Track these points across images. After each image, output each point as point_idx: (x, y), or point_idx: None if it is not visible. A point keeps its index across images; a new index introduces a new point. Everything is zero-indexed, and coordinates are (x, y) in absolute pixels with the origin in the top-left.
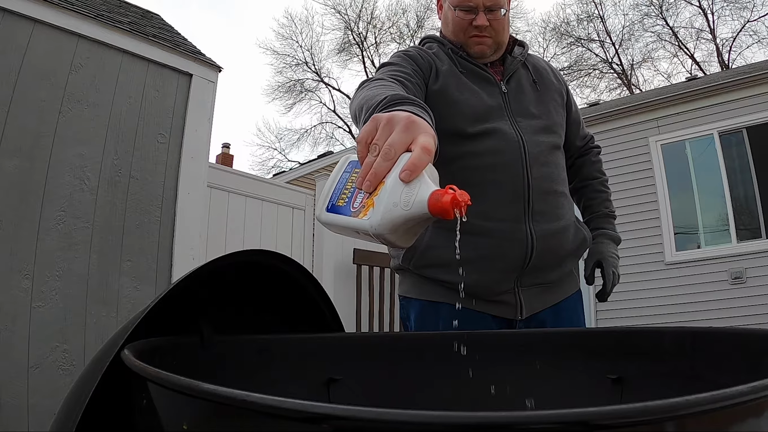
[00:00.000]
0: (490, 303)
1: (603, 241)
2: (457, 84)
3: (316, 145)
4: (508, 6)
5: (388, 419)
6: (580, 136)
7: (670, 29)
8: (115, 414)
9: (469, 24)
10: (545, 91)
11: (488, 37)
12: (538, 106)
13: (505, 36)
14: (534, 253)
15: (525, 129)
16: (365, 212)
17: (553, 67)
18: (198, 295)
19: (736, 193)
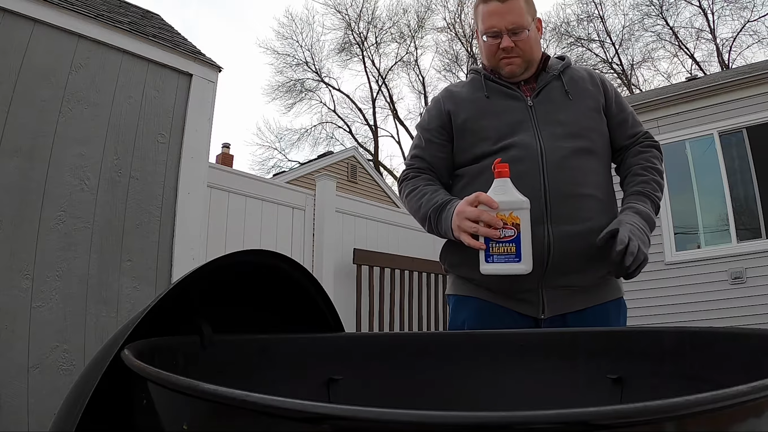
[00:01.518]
0: (514, 300)
1: (628, 213)
2: (478, 112)
3: (316, 145)
4: (536, 25)
5: (388, 419)
6: (628, 135)
7: (670, 29)
8: (115, 414)
9: (498, 48)
10: (578, 98)
11: (516, 57)
12: (566, 114)
13: (535, 53)
14: (552, 253)
15: (548, 137)
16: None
17: (595, 74)
18: (198, 295)
19: (736, 193)
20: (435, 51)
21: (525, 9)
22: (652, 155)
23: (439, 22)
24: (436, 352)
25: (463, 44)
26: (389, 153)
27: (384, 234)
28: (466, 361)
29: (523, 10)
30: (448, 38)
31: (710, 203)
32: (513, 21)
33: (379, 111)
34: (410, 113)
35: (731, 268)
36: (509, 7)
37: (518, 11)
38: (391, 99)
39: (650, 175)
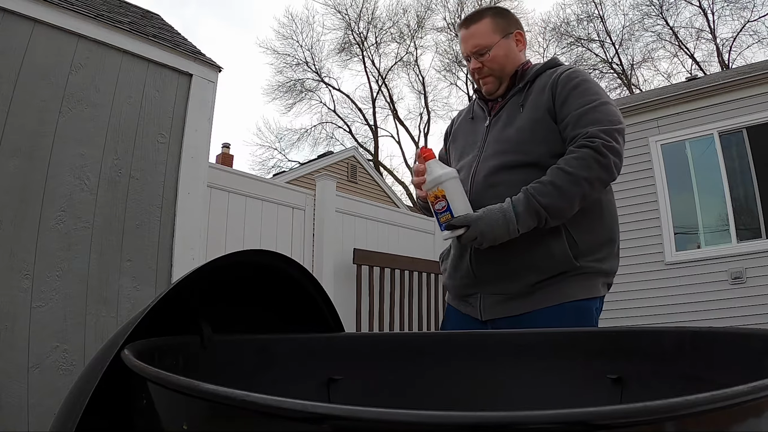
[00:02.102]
0: (465, 303)
1: (497, 203)
2: (457, 135)
3: (316, 145)
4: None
5: (388, 419)
6: (570, 137)
7: (670, 29)
8: (115, 414)
9: (472, 70)
10: (528, 111)
11: (488, 75)
12: (509, 130)
13: (506, 69)
14: (474, 266)
15: (484, 156)
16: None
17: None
18: (198, 295)
19: (736, 193)
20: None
21: (491, 29)
22: (573, 156)
23: (439, 22)
24: (436, 352)
25: None
26: (389, 153)
27: (384, 234)
28: (466, 361)
29: (487, 30)
30: (448, 38)
31: (710, 203)
32: (475, 44)
33: (379, 111)
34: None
35: (731, 268)
36: (472, 31)
37: (480, 34)
38: (391, 99)
39: (550, 177)
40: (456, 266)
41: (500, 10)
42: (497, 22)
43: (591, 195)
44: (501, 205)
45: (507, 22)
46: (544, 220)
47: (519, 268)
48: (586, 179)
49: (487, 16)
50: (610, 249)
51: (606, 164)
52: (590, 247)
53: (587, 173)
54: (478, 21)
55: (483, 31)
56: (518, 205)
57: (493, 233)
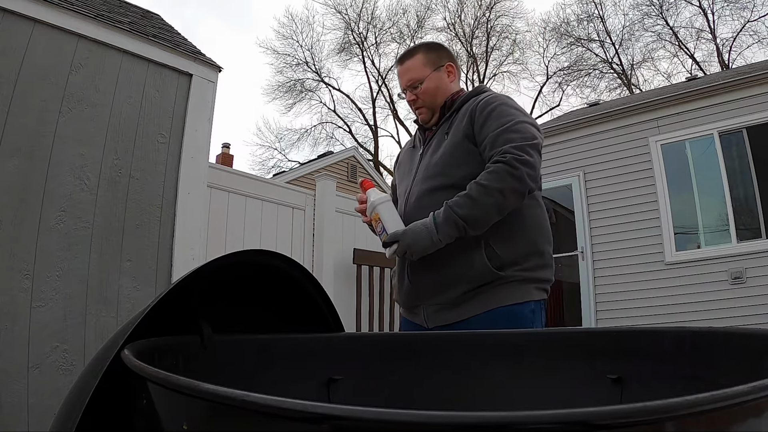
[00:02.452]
0: (412, 314)
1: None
2: (400, 163)
3: (316, 145)
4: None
5: (388, 419)
6: (488, 156)
7: (670, 29)
8: (115, 414)
9: (408, 102)
10: (451, 136)
11: (422, 107)
12: (435, 156)
13: (437, 99)
14: (411, 278)
15: (416, 181)
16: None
17: (474, 105)
18: (198, 295)
19: (736, 193)
20: None
21: (423, 63)
22: (487, 170)
23: (439, 22)
24: (436, 352)
25: (463, 44)
26: (389, 153)
27: None
28: (466, 361)
29: (420, 65)
30: (448, 38)
31: (710, 203)
32: (409, 78)
33: (379, 111)
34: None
35: (731, 268)
36: (406, 67)
37: (413, 68)
38: (391, 99)
39: (466, 190)
40: (400, 281)
41: (432, 45)
42: (429, 57)
43: (507, 205)
44: (424, 220)
45: (438, 55)
46: (464, 229)
47: (449, 279)
48: (499, 190)
49: (419, 52)
50: (539, 260)
51: (518, 176)
52: (515, 258)
53: (500, 185)
54: (411, 57)
55: (416, 65)
56: (438, 217)
57: (418, 245)
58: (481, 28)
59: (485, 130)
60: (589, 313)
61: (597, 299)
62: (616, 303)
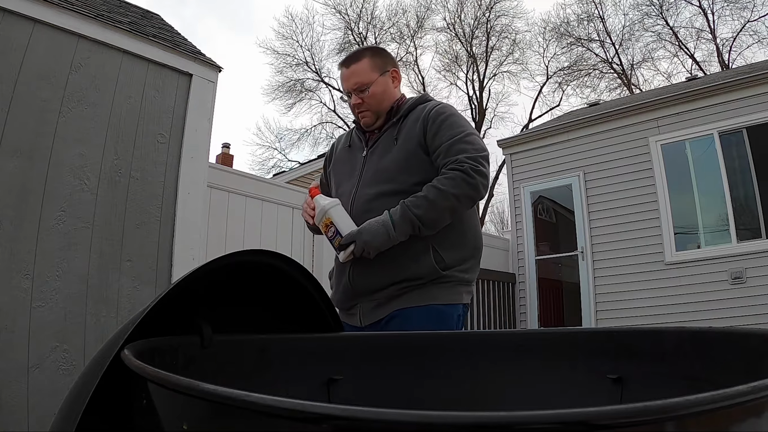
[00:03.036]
0: (348, 314)
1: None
2: (336, 161)
3: (316, 145)
4: (392, 75)
5: (388, 419)
6: (442, 164)
7: (670, 29)
8: (115, 414)
9: (352, 105)
10: (402, 143)
11: (366, 110)
12: (384, 161)
13: (383, 105)
14: (352, 279)
15: (362, 185)
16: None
17: (425, 113)
18: (198, 295)
19: (736, 193)
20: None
21: (369, 67)
22: (444, 176)
23: (439, 22)
24: (436, 352)
25: (463, 44)
26: None
27: None
28: (466, 360)
29: (366, 69)
30: (447, 38)
31: (710, 203)
32: (356, 82)
33: None
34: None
35: (731, 268)
36: (352, 70)
37: (360, 72)
38: None
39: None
40: (338, 282)
41: (377, 49)
42: (375, 61)
43: (459, 209)
44: (379, 217)
45: (384, 61)
46: (418, 228)
47: (391, 278)
48: (455, 195)
49: (366, 56)
50: (473, 263)
51: (474, 184)
52: (455, 260)
53: (456, 190)
54: (358, 60)
55: (363, 69)
56: (395, 215)
57: (376, 241)
58: (481, 28)
59: (438, 140)
60: (589, 313)
61: (597, 299)
62: (616, 303)
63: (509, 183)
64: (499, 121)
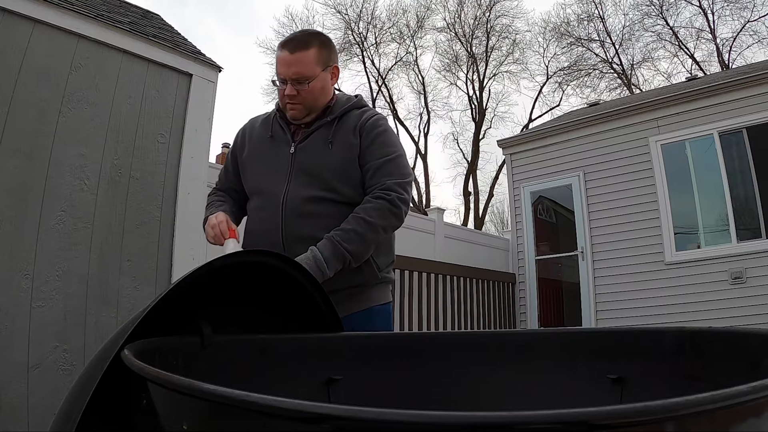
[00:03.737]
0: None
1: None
2: (255, 151)
3: None
4: (332, 72)
5: (388, 419)
6: (369, 184)
7: (670, 29)
8: (115, 414)
9: (284, 93)
10: (336, 148)
11: (299, 104)
12: (318, 163)
13: (318, 101)
14: None
15: (294, 185)
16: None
17: (362, 123)
18: (198, 295)
19: (736, 193)
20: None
21: (315, 59)
22: (372, 206)
23: (439, 22)
24: (436, 352)
25: (463, 44)
26: None
27: None
28: (466, 361)
29: (311, 60)
30: (447, 38)
31: (710, 203)
32: (297, 71)
33: (379, 111)
34: (410, 113)
35: (731, 268)
36: (297, 58)
37: (305, 63)
38: (391, 99)
39: (352, 225)
40: None
41: (326, 40)
42: (322, 54)
43: (385, 238)
44: (310, 254)
45: (329, 54)
46: (349, 263)
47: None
48: (383, 227)
49: (314, 46)
50: (392, 264)
51: (399, 214)
52: (385, 263)
53: (384, 222)
54: (305, 49)
55: (308, 60)
56: (325, 250)
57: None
58: (481, 28)
59: (369, 155)
60: (589, 313)
61: (597, 299)
62: (616, 303)
63: (509, 183)
64: (499, 121)
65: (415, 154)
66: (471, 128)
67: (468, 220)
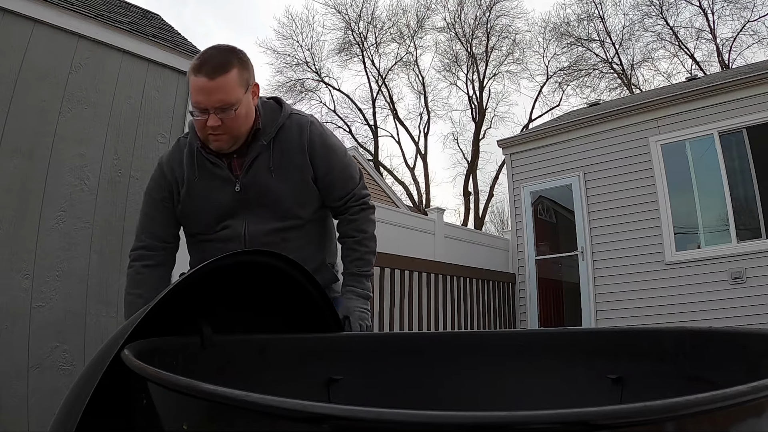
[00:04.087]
0: None
1: (350, 297)
2: (194, 198)
3: None
4: (253, 90)
5: (388, 419)
6: (335, 198)
7: (670, 29)
8: (115, 414)
9: (204, 124)
10: (284, 175)
11: (224, 134)
12: (271, 196)
13: (243, 128)
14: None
15: (253, 222)
16: None
17: (304, 137)
18: (198, 295)
19: (736, 193)
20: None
21: (237, 82)
22: (361, 222)
23: (439, 22)
24: (436, 352)
25: (463, 44)
26: (389, 153)
27: (384, 234)
28: (466, 361)
29: (234, 84)
30: (447, 38)
31: (710, 203)
32: (220, 99)
33: (379, 111)
34: (410, 113)
35: (731, 268)
36: (218, 84)
37: (227, 88)
38: (391, 99)
39: (361, 249)
40: None
41: (243, 57)
42: (242, 74)
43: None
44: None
45: (249, 73)
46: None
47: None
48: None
49: (234, 66)
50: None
51: (373, 212)
52: (335, 262)
53: (373, 226)
54: (225, 72)
55: (231, 84)
56: (362, 286)
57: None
58: (481, 28)
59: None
60: (589, 313)
61: (597, 299)
62: (616, 303)
63: (509, 183)
64: (499, 121)
65: (415, 154)
66: (471, 128)
67: (468, 220)
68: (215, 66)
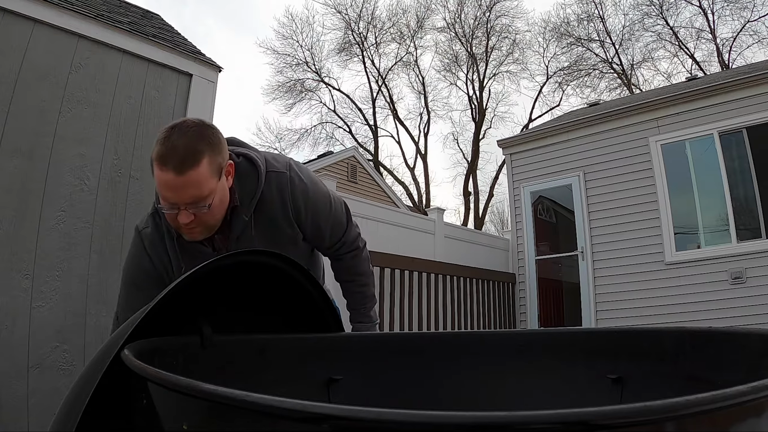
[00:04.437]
0: None
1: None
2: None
3: (316, 145)
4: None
5: (388, 419)
6: (325, 246)
7: (670, 29)
8: (115, 414)
9: (176, 218)
10: (270, 241)
11: (197, 227)
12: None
13: (219, 215)
14: None
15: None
16: None
17: (287, 200)
18: (198, 295)
19: (736, 193)
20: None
21: (209, 172)
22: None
23: (439, 22)
24: (436, 352)
25: (463, 44)
26: (389, 153)
27: (384, 234)
28: (466, 361)
29: (206, 176)
30: (447, 38)
31: (710, 203)
32: (192, 195)
33: (379, 111)
34: (410, 113)
35: (731, 268)
36: (187, 179)
37: (198, 182)
38: (391, 99)
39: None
40: None
41: (212, 137)
42: (214, 161)
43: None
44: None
45: (222, 155)
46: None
47: None
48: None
49: (205, 155)
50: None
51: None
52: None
53: (368, 265)
54: (195, 164)
55: (202, 177)
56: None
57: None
58: (481, 28)
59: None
60: (589, 313)
61: (597, 299)
62: (616, 303)
63: (509, 183)
64: (499, 121)
65: (415, 154)
66: (471, 128)
67: (468, 220)
68: (183, 158)
